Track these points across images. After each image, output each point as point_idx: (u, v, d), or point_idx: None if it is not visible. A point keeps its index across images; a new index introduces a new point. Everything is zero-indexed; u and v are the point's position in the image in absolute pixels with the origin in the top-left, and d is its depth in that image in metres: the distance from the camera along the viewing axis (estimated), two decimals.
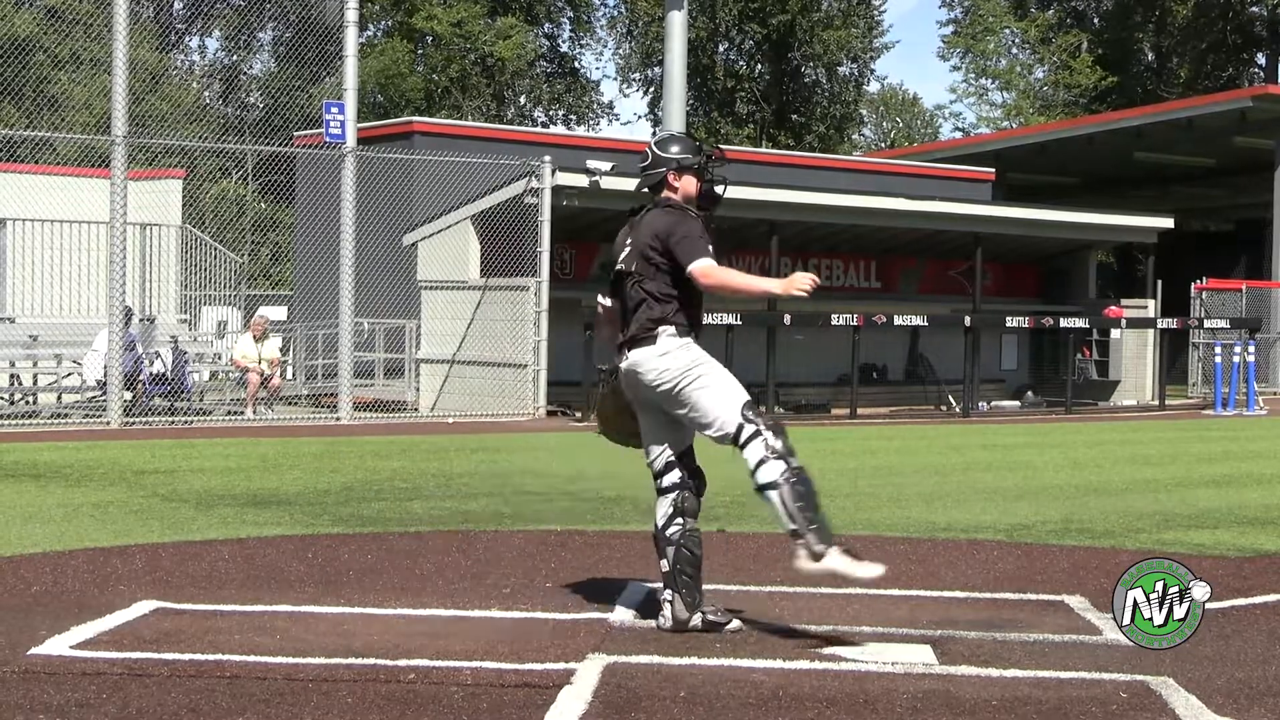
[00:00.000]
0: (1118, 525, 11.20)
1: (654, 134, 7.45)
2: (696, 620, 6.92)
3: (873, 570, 6.69)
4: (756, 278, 7.22)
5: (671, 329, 6.91)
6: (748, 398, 6.91)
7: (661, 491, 7.05)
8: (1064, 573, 8.96)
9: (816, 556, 6.65)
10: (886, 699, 5.84)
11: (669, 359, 6.89)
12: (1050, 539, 10.43)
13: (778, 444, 6.73)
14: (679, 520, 6.98)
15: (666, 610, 6.99)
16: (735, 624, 6.98)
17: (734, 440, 6.79)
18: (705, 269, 6.84)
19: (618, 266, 7.15)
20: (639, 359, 6.95)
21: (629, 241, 7.15)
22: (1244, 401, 28.57)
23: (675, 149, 7.19)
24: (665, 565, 7.00)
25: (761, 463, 6.71)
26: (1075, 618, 7.52)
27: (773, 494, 6.69)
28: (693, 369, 6.87)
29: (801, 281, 6.79)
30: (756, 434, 6.75)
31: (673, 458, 7.07)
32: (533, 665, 6.25)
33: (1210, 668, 6.45)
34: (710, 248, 6.92)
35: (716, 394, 6.86)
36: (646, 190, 7.27)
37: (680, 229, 6.93)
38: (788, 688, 5.97)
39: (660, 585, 7.10)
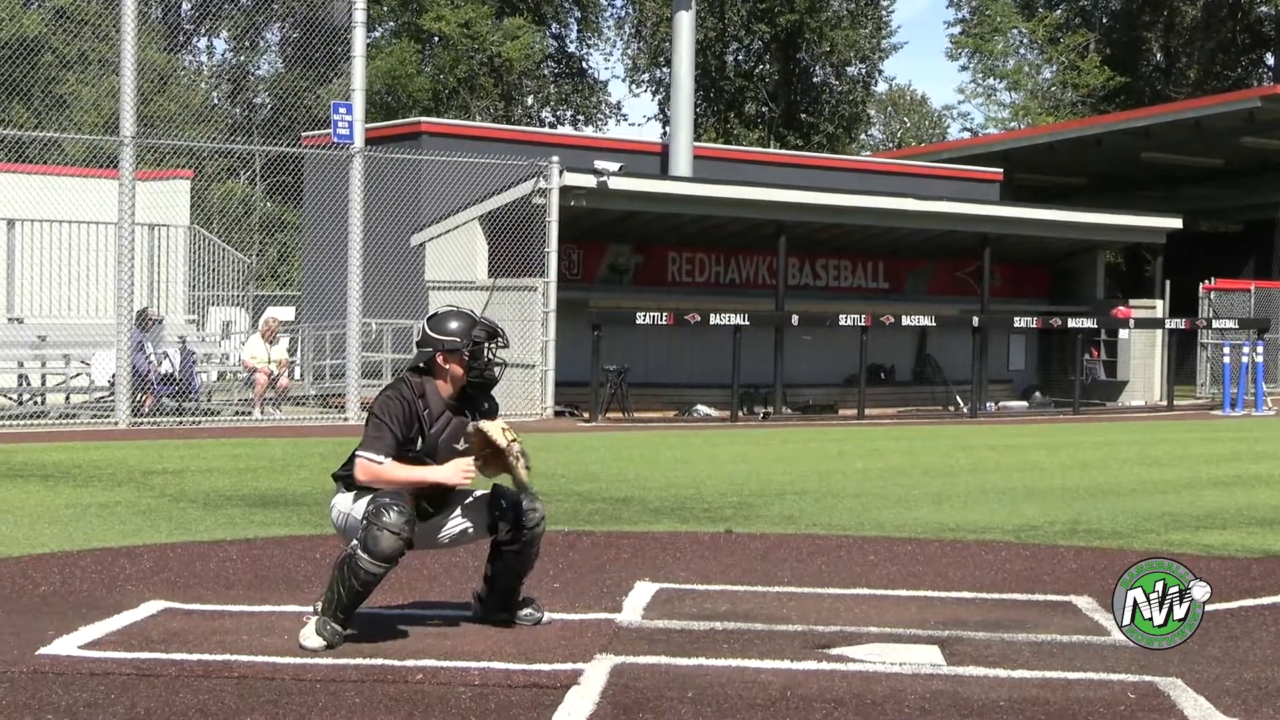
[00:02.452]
0: (1126, 526, 11.19)
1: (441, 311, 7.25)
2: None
3: (317, 643, 6.59)
4: (420, 470, 6.90)
5: (341, 485, 7.00)
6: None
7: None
8: (1072, 573, 8.95)
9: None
10: (894, 700, 5.83)
11: (338, 507, 7.00)
12: (1058, 540, 10.43)
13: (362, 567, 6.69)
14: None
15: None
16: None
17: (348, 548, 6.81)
18: (367, 468, 6.83)
19: None
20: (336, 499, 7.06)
21: None
22: (1252, 402, 28.55)
23: (453, 325, 7.04)
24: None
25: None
26: (1083, 618, 7.52)
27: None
28: (346, 513, 6.94)
29: (467, 468, 6.89)
30: (353, 552, 6.71)
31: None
32: (540, 666, 6.26)
33: (1218, 668, 6.44)
34: (389, 441, 6.81)
35: (354, 518, 6.84)
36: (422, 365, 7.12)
37: (374, 413, 6.95)
38: (795, 688, 5.97)
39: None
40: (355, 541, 6.74)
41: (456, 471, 6.90)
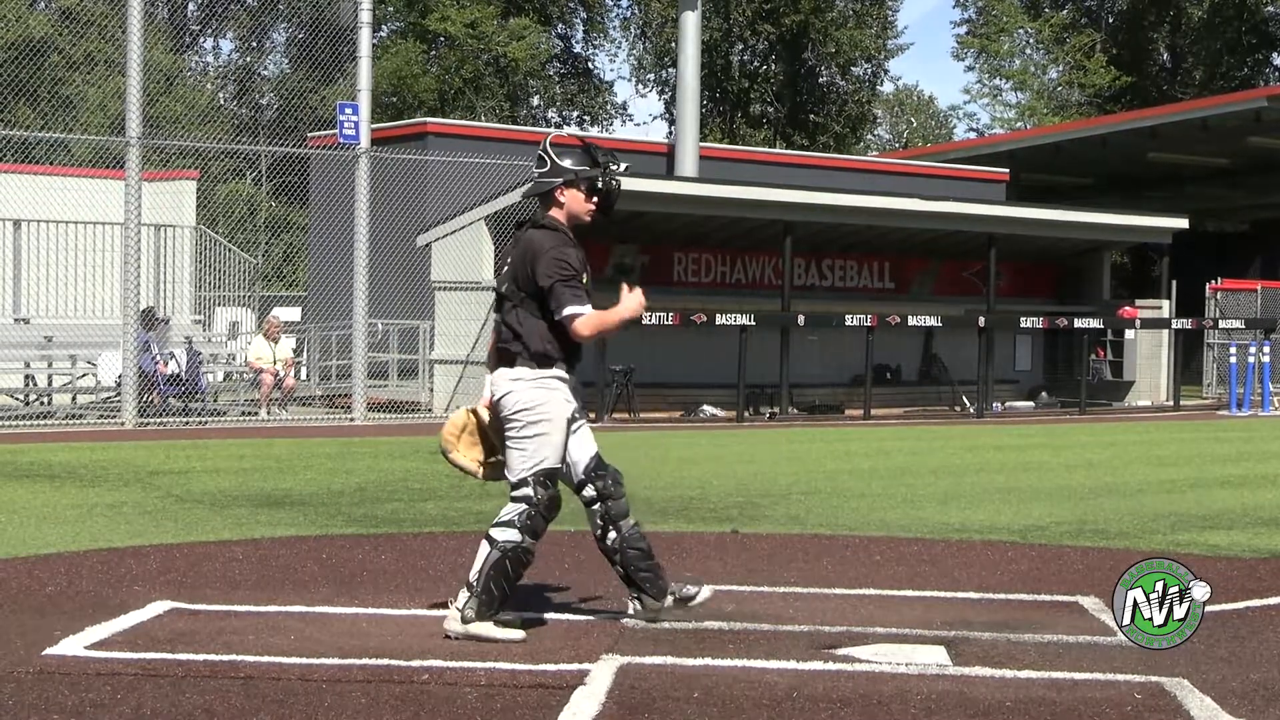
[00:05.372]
0: (1132, 526, 11.18)
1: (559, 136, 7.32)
2: (668, 602, 7.10)
3: (514, 635, 6.73)
4: (614, 311, 7.01)
5: (532, 361, 6.90)
6: (552, 467, 6.89)
7: (586, 504, 7.07)
8: (1078, 574, 8.94)
9: (465, 621, 6.75)
10: (900, 700, 5.83)
11: (519, 385, 6.90)
12: (1064, 540, 10.42)
13: (532, 522, 6.81)
14: (611, 530, 7.05)
15: (635, 606, 7.15)
16: (706, 591, 7.26)
17: (512, 489, 6.89)
18: (580, 324, 6.85)
19: (499, 287, 7.13)
20: (496, 377, 7.00)
21: (509, 261, 7.09)
22: (1259, 402, 28.54)
23: (568, 161, 7.06)
24: (620, 571, 7.12)
25: (507, 524, 6.82)
26: (1089, 619, 7.51)
27: (488, 548, 6.80)
28: (529, 411, 6.87)
29: (638, 300, 7.00)
30: (528, 501, 6.82)
31: (582, 474, 7.04)
32: (546, 666, 6.25)
33: (1225, 669, 6.43)
34: (582, 286, 6.87)
35: (530, 446, 6.86)
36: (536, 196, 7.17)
37: (554, 269, 6.84)
38: (801, 689, 5.97)
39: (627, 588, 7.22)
40: (518, 526, 6.75)
41: (638, 305, 6.99)
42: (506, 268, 7.07)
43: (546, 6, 56.96)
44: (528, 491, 6.82)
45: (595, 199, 7.07)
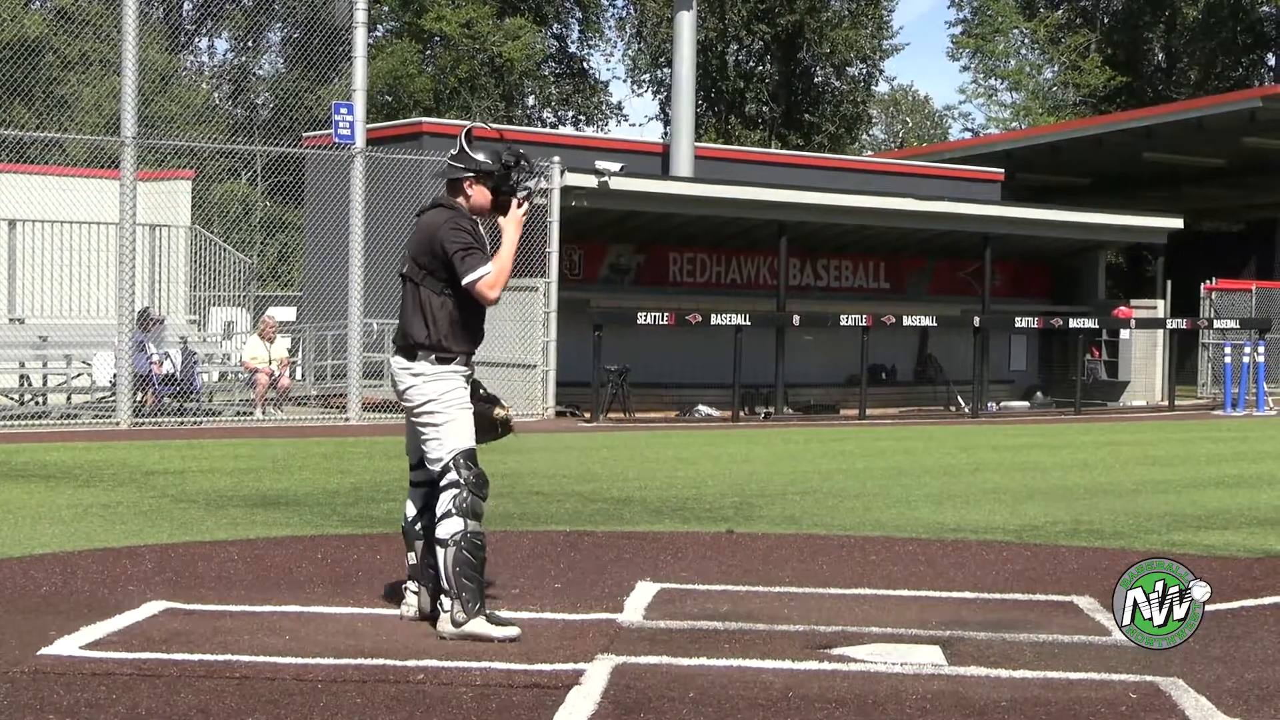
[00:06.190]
0: (1127, 526, 11.19)
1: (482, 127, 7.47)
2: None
3: (510, 632, 6.72)
4: (504, 246, 7.14)
5: (433, 355, 6.94)
6: (470, 447, 6.92)
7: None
8: (1073, 573, 8.95)
9: (457, 624, 6.75)
10: (895, 700, 5.83)
11: (420, 380, 6.95)
12: (1060, 539, 10.43)
13: (468, 503, 6.81)
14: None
15: (411, 600, 7.09)
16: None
17: (439, 479, 6.89)
18: (483, 285, 6.92)
19: (400, 269, 7.17)
20: (396, 367, 7.05)
21: (406, 245, 7.17)
22: (1254, 402, 28.55)
23: (480, 156, 7.19)
24: (413, 558, 7.08)
25: (446, 515, 6.82)
26: (1084, 618, 7.52)
27: (440, 550, 6.83)
28: (436, 401, 6.91)
29: (515, 218, 7.22)
30: (456, 484, 6.84)
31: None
32: (542, 666, 6.26)
33: (1220, 669, 6.44)
34: (482, 251, 6.98)
35: (444, 431, 6.90)
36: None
37: (454, 237, 6.94)
38: (797, 688, 5.97)
39: (407, 578, 7.18)
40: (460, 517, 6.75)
41: (518, 222, 7.21)
42: (406, 251, 7.16)
43: (542, 6, 56.94)
44: (453, 476, 6.85)
45: (498, 199, 7.22)
